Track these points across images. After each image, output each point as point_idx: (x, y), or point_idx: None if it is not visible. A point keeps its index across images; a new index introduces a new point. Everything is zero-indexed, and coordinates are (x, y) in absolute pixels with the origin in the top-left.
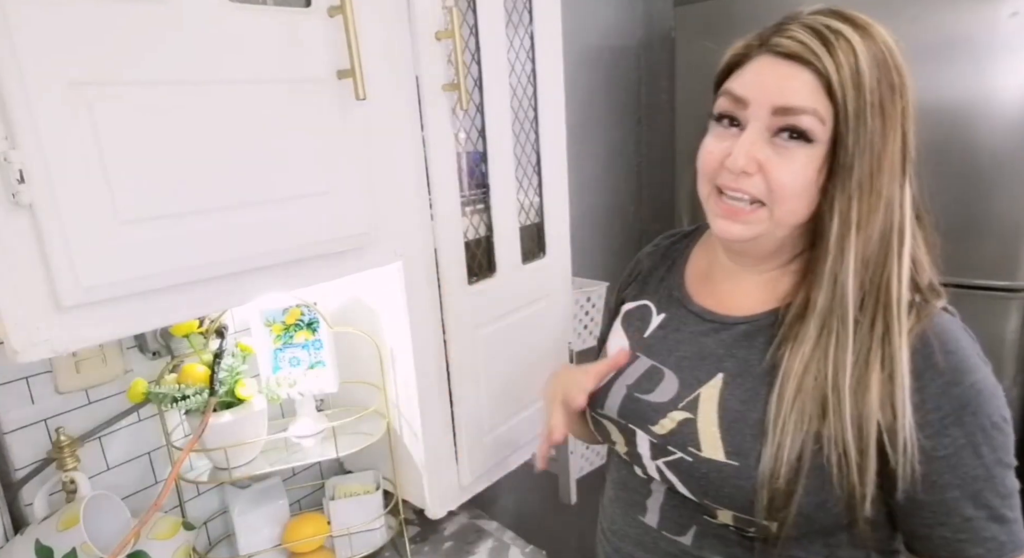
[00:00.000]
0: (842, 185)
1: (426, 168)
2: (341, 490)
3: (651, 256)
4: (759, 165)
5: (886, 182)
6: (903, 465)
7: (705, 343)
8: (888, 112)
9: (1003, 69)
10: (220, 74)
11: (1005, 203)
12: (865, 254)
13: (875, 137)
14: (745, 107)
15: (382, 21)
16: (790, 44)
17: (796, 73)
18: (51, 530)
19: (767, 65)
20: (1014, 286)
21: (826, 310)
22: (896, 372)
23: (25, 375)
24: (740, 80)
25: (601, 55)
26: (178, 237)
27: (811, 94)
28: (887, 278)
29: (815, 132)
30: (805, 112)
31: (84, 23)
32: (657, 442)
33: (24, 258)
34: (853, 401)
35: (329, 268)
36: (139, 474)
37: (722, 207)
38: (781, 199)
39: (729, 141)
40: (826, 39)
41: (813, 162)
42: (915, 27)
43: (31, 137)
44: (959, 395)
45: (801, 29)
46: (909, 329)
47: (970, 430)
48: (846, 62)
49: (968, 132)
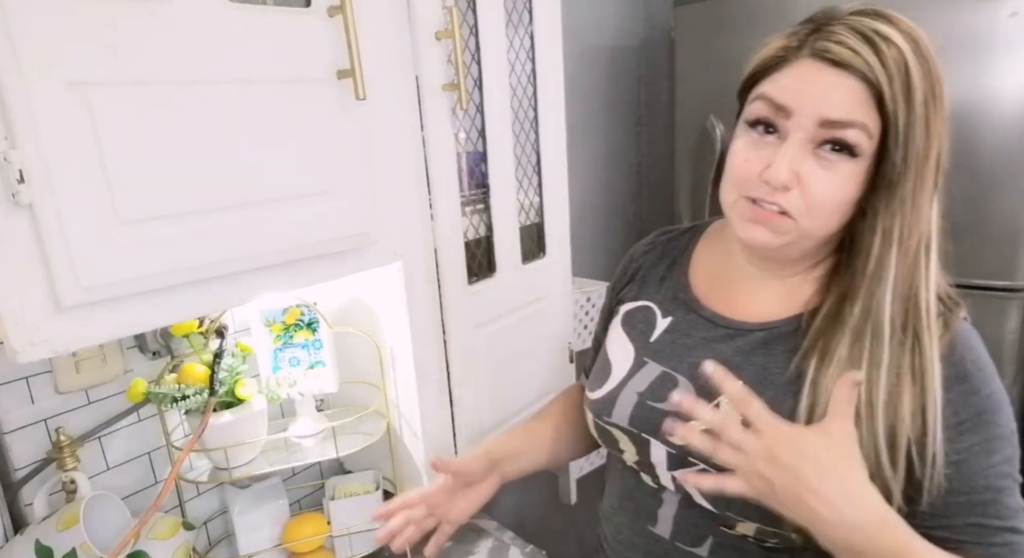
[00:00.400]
0: (887, 202)
1: (426, 168)
2: (341, 490)
3: (648, 254)
4: (798, 178)
5: (926, 198)
6: (930, 477)
7: (720, 350)
8: (932, 127)
9: (1003, 69)
10: (220, 74)
11: (1005, 203)
12: (903, 270)
13: (920, 152)
14: (787, 116)
15: (382, 21)
16: (839, 50)
17: (845, 82)
18: (51, 530)
19: (812, 71)
20: (1014, 286)
21: (861, 325)
22: (928, 385)
23: (25, 375)
24: (780, 86)
25: (601, 55)
26: (178, 237)
27: (860, 106)
28: (916, 290)
29: (862, 146)
30: (854, 126)
31: (84, 23)
32: (676, 453)
33: (24, 258)
34: (885, 414)
35: (329, 268)
36: (139, 474)
37: (756, 212)
38: (816, 212)
39: (767, 151)
40: (877, 46)
41: (855, 177)
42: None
43: (31, 137)
44: (977, 403)
45: (848, 33)
46: (939, 337)
47: (984, 437)
48: (897, 73)
49: (968, 132)
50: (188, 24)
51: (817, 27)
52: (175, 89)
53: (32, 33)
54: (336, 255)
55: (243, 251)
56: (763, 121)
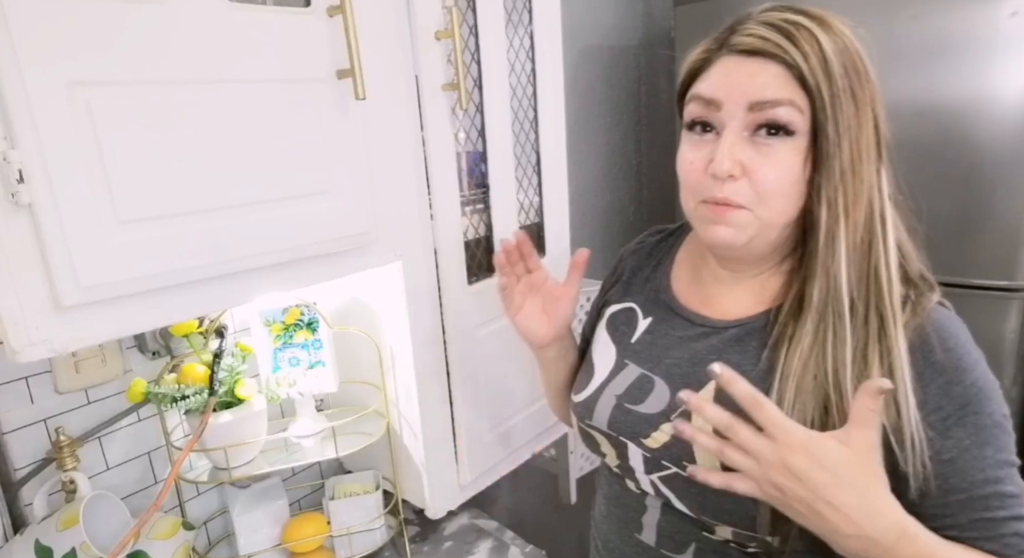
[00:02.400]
0: (828, 174)
1: (426, 168)
2: (341, 490)
3: (635, 255)
4: (743, 167)
5: (866, 167)
6: (913, 463)
7: (695, 348)
8: (859, 96)
9: (1003, 69)
10: (219, 74)
11: (1005, 203)
12: (854, 242)
13: (851, 122)
14: (718, 108)
15: (382, 21)
16: (752, 41)
17: (765, 67)
18: (51, 530)
19: (733, 64)
20: (1013, 286)
21: (822, 304)
22: (896, 367)
23: (25, 375)
24: (707, 83)
25: (601, 55)
26: (177, 237)
27: (784, 85)
28: (875, 265)
29: (795, 123)
30: (781, 103)
31: (83, 23)
32: (650, 456)
33: (23, 258)
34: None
35: (329, 268)
36: (139, 474)
37: (714, 210)
38: (769, 199)
39: (707, 148)
40: (787, 32)
41: (797, 155)
42: (915, 27)
43: (30, 137)
44: (960, 394)
45: (759, 26)
46: (905, 323)
47: (973, 430)
48: (812, 51)
49: (968, 132)
50: (188, 24)
51: (732, 28)
52: (175, 89)
53: (32, 33)
54: (336, 255)
55: (242, 251)
56: (699, 121)
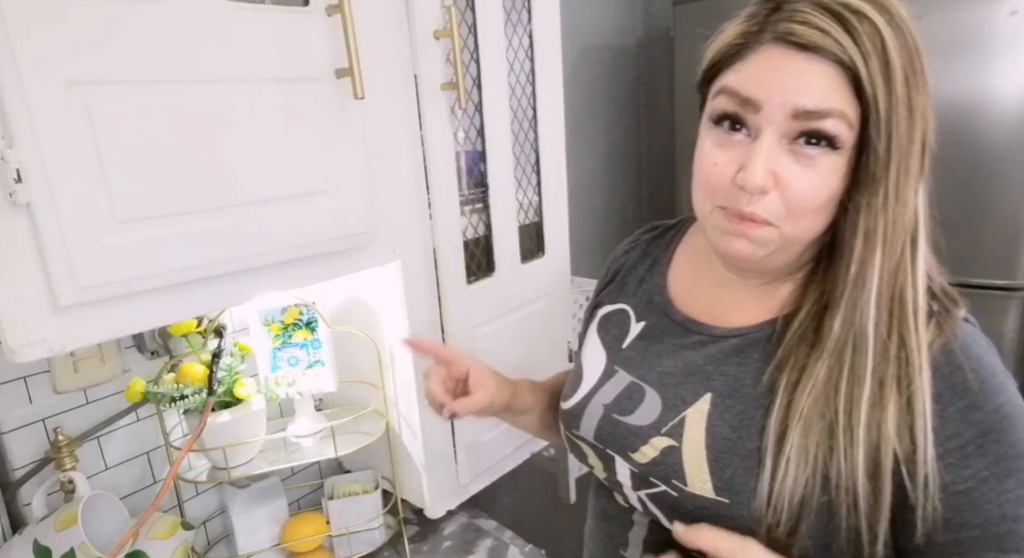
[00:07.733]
0: (869, 199)
1: (425, 167)
2: (340, 490)
3: (629, 253)
4: (775, 178)
5: (912, 186)
6: (923, 503)
7: (690, 357)
8: (915, 106)
9: (1003, 68)
10: (218, 73)
11: (1004, 202)
12: (888, 271)
13: (903, 140)
14: (756, 110)
15: (381, 20)
16: (806, 32)
17: (816, 67)
18: (49, 530)
19: (778, 58)
20: (1013, 285)
21: (841, 340)
22: (916, 396)
23: (23, 375)
24: (744, 76)
25: (600, 54)
26: (176, 236)
27: (836, 92)
28: (901, 288)
29: (842, 138)
30: (831, 115)
31: (81, 21)
32: (638, 472)
33: (21, 257)
34: (867, 437)
35: (328, 267)
36: (137, 474)
37: (734, 224)
38: (800, 216)
39: (737, 150)
40: (847, 23)
41: (837, 171)
42: (914, 26)
43: (28, 136)
44: (981, 420)
45: (814, 10)
46: (929, 343)
47: (993, 460)
48: (873, 50)
49: (968, 131)
50: (186, 23)
51: (777, 5)
52: (173, 88)
53: (29, 32)
54: (335, 254)
55: (241, 251)
56: (729, 116)
